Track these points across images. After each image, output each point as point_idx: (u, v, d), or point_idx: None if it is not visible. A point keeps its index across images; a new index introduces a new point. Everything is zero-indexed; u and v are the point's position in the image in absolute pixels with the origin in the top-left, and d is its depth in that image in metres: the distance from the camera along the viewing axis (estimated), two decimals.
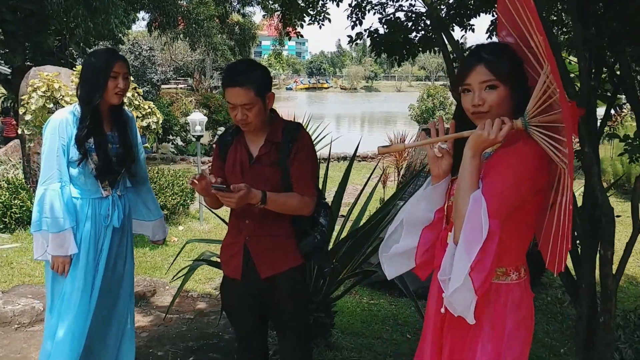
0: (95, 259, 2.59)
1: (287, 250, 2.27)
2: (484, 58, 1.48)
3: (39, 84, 5.74)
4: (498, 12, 1.55)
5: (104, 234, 2.60)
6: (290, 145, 2.23)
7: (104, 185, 2.58)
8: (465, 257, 1.38)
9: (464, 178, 1.45)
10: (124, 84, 2.47)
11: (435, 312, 1.61)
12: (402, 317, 4.51)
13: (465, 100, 1.54)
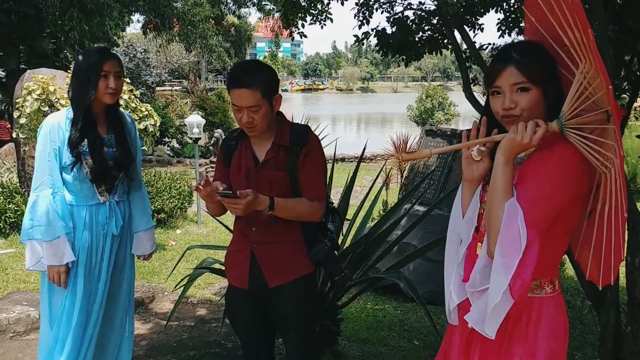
0: (96, 268, 2.49)
1: (297, 257, 2.17)
2: (514, 58, 1.39)
3: (34, 86, 5.62)
4: (525, 9, 1.46)
5: (102, 242, 2.49)
6: (298, 148, 2.13)
7: (101, 191, 2.47)
8: (503, 271, 1.28)
9: (497, 185, 1.35)
10: (115, 84, 2.37)
11: (463, 326, 1.51)
12: (408, 323, 4.41)
13: (494, 102, 1.44)
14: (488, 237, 1.36)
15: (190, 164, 13.64)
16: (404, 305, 4.97)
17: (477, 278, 1.38)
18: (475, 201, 1.50)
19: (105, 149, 2.45)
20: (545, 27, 1.39)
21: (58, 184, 2.39)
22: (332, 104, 49.72)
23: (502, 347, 1.41)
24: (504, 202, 1.32)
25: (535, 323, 1.39)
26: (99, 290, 2.50)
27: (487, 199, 1.44)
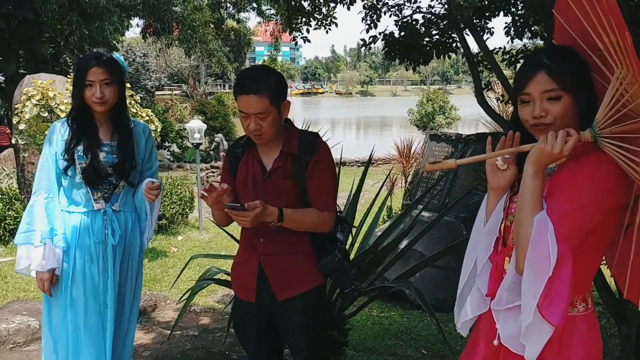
0: (100, 280, 2.42)
1: (306, 269, 2.10)
2: (545, 64, 1.32)
3: (33, 92, 5.55)
4: (556, 12, 1.39)
5: (102, 251, 2.42)
6: (307, 157, 2.06)
7: (97, 198, 2.41)
8: (532, 289, 1.22)
9: (526, 198, 1.28)
10: (101, 92, 2.30)
11: (486, 343, 1.44)
12: (415, 331, 4.34)
13: (523, 110, 1.38)
14: (516, 252, 1.29)
15: (190, 168, 13.57)
16: (409, 313, 4.90)
17: (504, 295, 1.32)
18: (498, 211, 1.44)
19: (103, 154, 2.39)
20: (577, 31, 1.32)
21: (53, 189, 2.39)
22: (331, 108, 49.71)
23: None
24: (533, 215, 1.25)
25: (568, 343, 1.32)
26: (108, 305, 2.43)
27: (515, 211, 1.37)
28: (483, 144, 5.72)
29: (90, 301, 2.41)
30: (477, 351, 1.49)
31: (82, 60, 2.35)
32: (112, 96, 2.35)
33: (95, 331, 2.42)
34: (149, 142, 2.54)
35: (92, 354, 2.41)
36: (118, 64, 2.40)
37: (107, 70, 2.32)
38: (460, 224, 5.06)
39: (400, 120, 32.67)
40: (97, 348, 2.42)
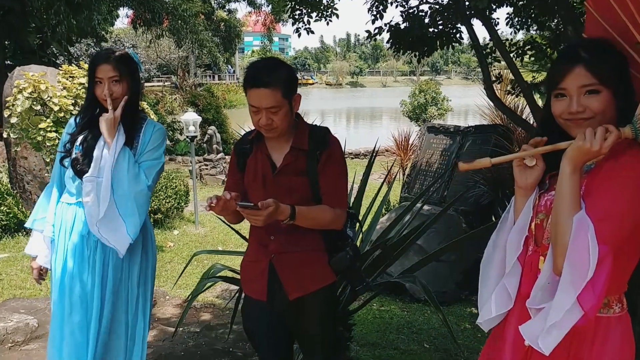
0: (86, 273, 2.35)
1: (318, 267, 2.06)
2: (583, 58, 1.28)
3: (25, 84, 5.43)
4: (588, 5, 1.35)
5: (93, 244, 2.35)
6: (318, 152, 2.01)
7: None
8: (571, 290, 1.19)
9: (563, 197, 1.25)
10: (110, 90, 2.27)
11: (515, 343, 1.41)
12: (416, 324, 4.33)
13: (558, 105, 1.34)
14: (554, 252, 1.26)
15: (182, 161, 13.46)
16: (409, 306, 4.89)
17: (539, 295, 1.29)
18: (527, 210, 1.40)
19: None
20: (612, 24, 1.29)
21: (56, 181, 2.44)
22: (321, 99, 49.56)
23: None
24: (572, 215, 1.22)
25: (602, 345, 1.30)
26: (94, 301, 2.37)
27: (549, 209, 1.34)
28: (482, 136, 5.71)
29: (76, 297, 2.35)
30: (502, 351, 1.46)
31: (93, 57, 2.35)
32: (121, 94, 2.30)
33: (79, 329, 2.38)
34: (154, 137, 2.43)
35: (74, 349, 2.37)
36: (131, 60, 2.35)
37: (116, 67, 2.27)
38: (459, 216, 5.05)
39: (391, 112, 32.65)
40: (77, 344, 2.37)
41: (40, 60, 11.37)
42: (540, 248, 1.38)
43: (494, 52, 2.97)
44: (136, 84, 2.38)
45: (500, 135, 5.03)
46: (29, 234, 6.33)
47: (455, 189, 5.26)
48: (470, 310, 4.78)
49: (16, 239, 6.42)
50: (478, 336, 4.16)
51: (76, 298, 2.36)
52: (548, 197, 1.40)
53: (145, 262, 2.53)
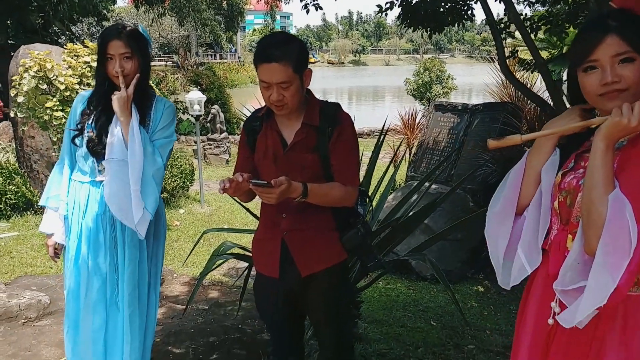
0: (103, 251, 2.38)
1: (329, 245, 2.07)
2: (614, 26, 1.24)
3: (31, 63, 5.41)
4: None
5: (108, 223, 2.38)
6: (329, 128, 2.00)
7: (101, 169, 2.36)
8: (610, 273, 1.16)
9: (597, 175, 1.21)
10: (121, 66, 2.25)
11: (537, 322, 1.41)
12: (422, 302, 4.37)
13: (588, 79, 1.29)
14: (586, 231, 1.23)
15: (186, 140, 13.45)
16: (415, 284, 4.93)
17: (568, 275, 1.26)
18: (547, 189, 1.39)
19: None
20: None
21: (67, 158, 2.43)
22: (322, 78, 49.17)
23: (593, 347, 1.30)
24: (607, 194, 1.19)
25: (633, 325, 1.28)
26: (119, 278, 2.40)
27: (576, 187, 1.32)
28: (491, 114, 5.67)
29: (94, 276, 2.38)
30: (525, 333, 1.45)
31: (103, 33, 2.31)
32: (133, 70, 2.29)
33: (96, 306, 2.39)
34: (165, 115, 2.44)
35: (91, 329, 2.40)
36: (141, 36, 2.33)
37: (127, 43, 2.25)
38: (466, 195, 5.05)
39: (394, 90, 32.44)
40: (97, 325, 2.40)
41: (43, 40, 11.30)
42: (568, 227, 1.36)
43: (507, 27, 2.93)
44: (147, 61, 2.36)
45: (509, 113, 4.99)
46: (37, 212, 6.43)
47: (463, 167, 5.25)
48: (477, 288, 4.82)
49: (25, 218, 6.47)
50: (484, 314, 4.21)
51: (92, 277, 2.38)
52: (575, 175, 1.37)
53: (157, 240, 2.56)
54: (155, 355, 3.14)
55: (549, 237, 1.43)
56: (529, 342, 1.42)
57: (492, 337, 3.63)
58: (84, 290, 2.39)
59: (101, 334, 2.40)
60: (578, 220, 1.30)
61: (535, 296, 1.44)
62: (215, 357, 3.14)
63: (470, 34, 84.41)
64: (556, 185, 1.40)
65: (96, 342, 2.40)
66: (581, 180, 1.33)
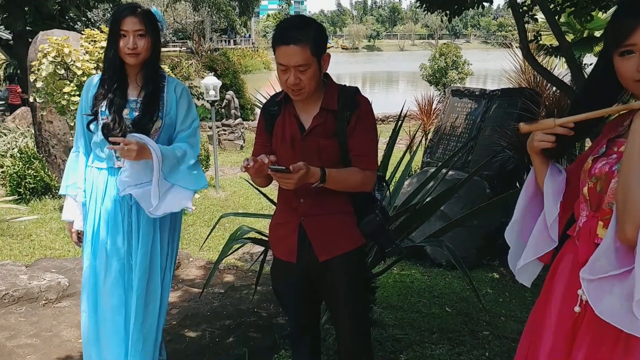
0: (121, 236, 2.40)
1: (347, 229, 2.07)
2: None
3: (49, 49, 5.46)
4: None
5: (127, 209, 2.39)
6: (348, 113, 1.98)
7: (118, 155, 2.35)
8: None
9: (634, 160, 1.18)
10: (134, 43, 2.23)
11: (563, 309, 1.39)
12: (437, 288, 4.37)
13: (624, 64, 1.26)
14: (622, 218, 1.20)
15: (201, 126, 13.47)
16: (430, 271, 4.93)
17: (598, 264, 1.24)
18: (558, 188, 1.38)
19: (127, 111, 2.34)
20: None
21: (80, 145, 2.44)
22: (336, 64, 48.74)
23: (620, 341, 1.27)
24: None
25: None
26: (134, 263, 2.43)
27: (609, 173, 1.29)
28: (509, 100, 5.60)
29: (112, 258, 2.40)
30: (549, 319, 1.43)
31: (117, 11, 2.29)
32: (146, 48, 2.28)
33: (114, 288, 2.42)
34: (182, 101, 2.46)
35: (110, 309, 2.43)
36: (155, 17, 2.32)
37: (142, 21, 2.24)
38: (483, 182, 5.01)
39: (409, 76, 32.16)
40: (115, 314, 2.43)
41: (60, 26, 11.36)
42: (599, 213, 1.33)
43: (530, 9, 2.87)
44: (158, 42, 2.36)
45: (527, 99, 4.93)
46: (55, 196, 6.52)
47: (479, 153, 5.20)
48: (492, 275, 4.80)
49: (44, 202, 6.57)
50: (499, 301, 4.20)
51: (111, 259, 2.40)
52: (607, 161, 1.34)
53: (174, 223, 2.57)
54: (172, 338, 3.20)
55: (577, 223, 1.41)
56: (553, 329, 1.40)
57: (507, 324, 3.62)
58: (102, 273, 2.41)
59: (121, 314, 2.43)
60: (610, 207, 1.28)
61: (561, 283, 1.42)
62: (231, 340, 3.18)
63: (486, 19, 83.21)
64: (585, 171, 1.37)
65: (116, 322, 2.44)
66: (615, 166, 1.30)
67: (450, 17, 3.15)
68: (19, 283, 3.78)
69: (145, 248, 2.42)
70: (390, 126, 13.11)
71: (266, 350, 3.04)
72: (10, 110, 12.82)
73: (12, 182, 6.46)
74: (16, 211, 6.00)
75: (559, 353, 1.38)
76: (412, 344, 3.13)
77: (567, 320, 1.38)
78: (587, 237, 1.35)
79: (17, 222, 5.71)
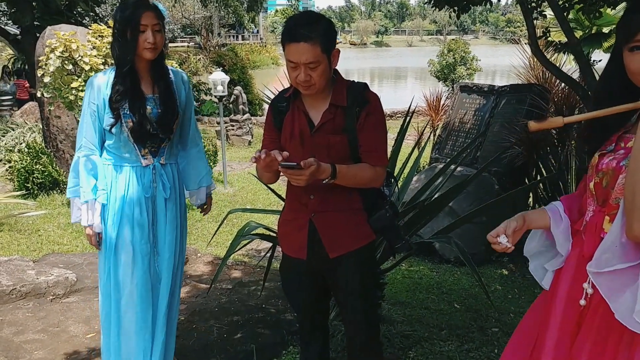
0: (147, 234, 2.41)
1: (357, 226, 2.05)
2: None
3: (56, 44, 5.46)
4: None
5: (151, 206, 2.41)
6: (357, 109, 1.97)
7: (144, 154, 2.37)
8: None
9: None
10: (154, 38, 2.22)
11: (568, 302, 1.38)
12: (446, 285, 4.34)
13: (633, 60, 1.25)
14: (630, 214, 1.19)
15: (209, 121, 13.52)
16: (438, 267, 4.90)
17: (604, 257, 1.24)
18: None
19: (148, 109, 2.33)
20: None
21: (91, 147, 2.36)
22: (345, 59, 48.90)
23: (624, 336, 1.26)
24: None
25: None
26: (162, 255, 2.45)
27: (616, 169, 1.28)
28: (518, 96, 5.55)
29: (139, 258, 2.40)
30: (555, 313, 1.42)
31: (129, 6, 2.22)
32: (162, 43, 2.28)
33: (141, 290, 2.41)
34: (189, 92, 2.51)
35: (138, 313, 2.43)
36: (161, 11, 2.32)
37: (157, 15, 2.24)
38: (492, 178, 4.97)
39: (417, 71, 32.05)
40: (144, 307, 2.43)
41: (68, 21, 11.38)
42: (606, 208, 1.33)
43: (539, 5, 2.84)
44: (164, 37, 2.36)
45: (536, 95, 4.88)
46: (63, 191, 6.53)
47: (488, 149, 5.16)
48: (501, 271, 4.77)
49: (52, 197, 6.59)
50: (508, 297, 4.17)
51: (137, 259, 2.40)
52: (615, 157, 1.33)
53: (182, 220, 2.59)
54: (180, 334, 3.18)
55: (584, 218, 1.41)
56: (559, 322, 1.40)
57: (516, 321, 3.58)
58: (129, 273, 2.40)
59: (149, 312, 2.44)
60: (617, 202, 1.28)
61: (566, 276, 1.42)
62: (239, 336, 3.17)
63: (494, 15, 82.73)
64: (593, 166, 1.37)
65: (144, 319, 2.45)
66: (622, 162, 1.29)
67: (459, 13, 3.11)
68: (26, 278, 3.79)
69: (171, 239, 2.47)
70: (398, 122, 13.06)
71: (274, 346, 3.03)
72: (18, 105, 12.88)
73: (20, 177, 6.48)
74: (24, 206, 6.03)
75: (565, 346, 1.37)
76: (421, 341, 3.11)
77: (572, 313, 1.38)
78: (594, 232, 1.35)
79: (25, 217, 5.73)
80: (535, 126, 1.31)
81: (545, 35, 2.88)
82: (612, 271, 1.23)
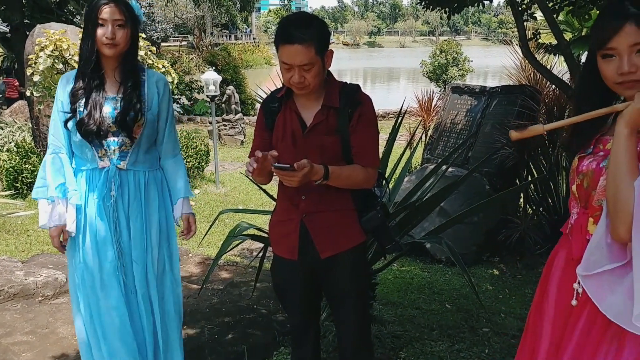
0: (109, 237, 2.29)
1: (349, 226, 2.05)
2: (633, 14, 1.22)
3: (46, 42, 5.42)
4: None
5: (114, 212, 2.27)
6: (350, 110, 1.97)
7: (101, 156, 2.25)
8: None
9: (621, 161, 1.19)
10: (113, 33, 2.12)
11: (558, 303, 1.39)
12: (437, 285, 4.35)
13: (606, 66, 1.28)
14: (613, 218, 1.21)
15: (201, 121, 13.47)
16: (430, 267, 4.91)
17: (591, 259, 1.25)
18: None
19: (107, 108, 2.22)
20: None
21: (59, 145, 2.25)
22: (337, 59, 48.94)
23: (608, 332, 1.28)
24: (632, 179, 1.17)
25: None
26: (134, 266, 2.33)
27: (595, 170, 1.30)
28: (509, 97, 5.57)
29: (105, 262, 2.30)
30: (547, 314, 1.44)
31: (93, 2, 2.16)
32: (124, 40, 2.18)
33: (111, 292, 2.31)
34: (164, 97, 2.36)
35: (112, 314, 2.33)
36: (133, 9, 2.23)
37: (121, 11, 2.15)
38: (483, 178, 4.99)
39: (410, 72, 32.13)
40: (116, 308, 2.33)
41: (58, 19, 11.31)
42: (589, 210, 1.35)
43: (529, 7, 2.85)
44: (136, 35, 2.27)
45: (527, 96, 4.90)
46: None
47: (479, 150, 5.18)
48: (492, 271, 4.79)
49: None
50: (499, 297, 4.18)
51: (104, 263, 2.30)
52: (594, 158, 1.35)
53: (169, 222, 2.46)
54: None
55: (569, 220, 1.42)
56: (551, 324, 1.41)
57: (507, 321, 3.61)
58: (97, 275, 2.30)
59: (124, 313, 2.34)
60: (599, 204, 1.30)
61: (555, 278, 1.43)
62: (230, 337, 3.16)
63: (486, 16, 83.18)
64: (573, 169, 1.39)
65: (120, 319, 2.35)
66: (602, 163, 1.32)
67: (450, 14, 3.12)
68: (14, 279, 3.75)
69: (139, 254, 2.34)
70: (390, 122, 13.08)
71: (265, 347, 3.02)
72: (8, 104, 12.76)
73: (9, 176, 6.43)
74: (12, 206, 5.98)
75: (554, 346, 1.39)
76: (412, 341, 3.12)
77: (564, 314, 1.39)
78: (579, 234, 1.37)
79: (14, 217, 5.67)
80: (517, 135, 1.32)
81: (535, 37, 2.89)
82: (601, 272, 1.24)
